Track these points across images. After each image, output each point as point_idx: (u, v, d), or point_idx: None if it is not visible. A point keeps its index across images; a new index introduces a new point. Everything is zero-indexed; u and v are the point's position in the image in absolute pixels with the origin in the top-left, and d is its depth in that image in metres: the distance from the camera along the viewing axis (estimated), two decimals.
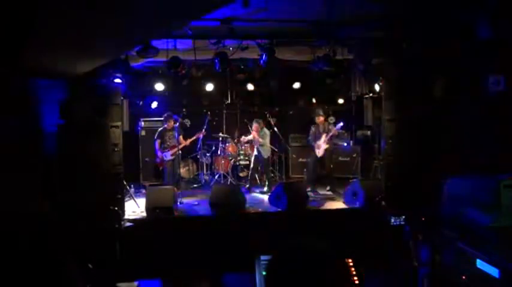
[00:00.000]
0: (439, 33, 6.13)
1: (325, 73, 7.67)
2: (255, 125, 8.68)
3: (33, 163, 5.66)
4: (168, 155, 8.44)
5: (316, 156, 8.49)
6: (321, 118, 8.57)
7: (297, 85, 9.67)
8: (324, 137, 8.43)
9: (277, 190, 7.40)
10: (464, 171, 6.35)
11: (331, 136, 8.53)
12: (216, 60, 6.94)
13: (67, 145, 6.31)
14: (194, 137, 8.89)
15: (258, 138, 8.53)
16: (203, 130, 9.04)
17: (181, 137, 8.61)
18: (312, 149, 8.68)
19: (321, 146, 8.43)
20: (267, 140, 8.78)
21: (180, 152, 8.38)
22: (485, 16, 5.17)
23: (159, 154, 8.47)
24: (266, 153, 8.67)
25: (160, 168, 8.65)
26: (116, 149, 6.67)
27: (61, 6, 2.94)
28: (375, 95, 8.42)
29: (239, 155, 9.48)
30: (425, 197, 6.45)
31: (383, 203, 7.07)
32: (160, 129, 8.65)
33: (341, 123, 8.68)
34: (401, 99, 7.18)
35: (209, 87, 9.34)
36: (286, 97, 10.48)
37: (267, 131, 8.81)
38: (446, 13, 5.52)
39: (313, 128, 8.63)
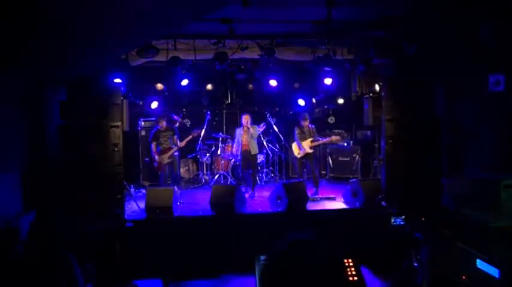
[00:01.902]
0: (439, 33, 6.14)
1: (325, 73, 7.67)
2: (245, 117, 8.46)
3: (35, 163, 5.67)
4: (165, 159, 8.34)
5: (297, 157, 8.40)
6: (307, 122, 8.44)
7: (296, 85, 9.67)
8: (309, 141, 8.33)
9: (277, 190, 7.40)
10: (464, 171, 6.37)
11: (321, 144, 8.51)
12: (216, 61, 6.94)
13: (67, 145, 6.31)
14: (189, 138, 8.68)
15: (251, 130, 8.35)
16: (196, 130, 8.93)
17: (175, 138, 8.48)
18: (292, 148, 8.55)
19: (303, 149, 8.28)
20: (256, 134, 8.60)
21: (177, 153, 8.34)
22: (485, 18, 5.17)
23: (156, 157, 8.38)
24: (254, 149, 8.46)
25: (159, 172, 8.55)
26: (116, 149, 6.66)
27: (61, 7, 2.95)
28: (375, 95, 8.41)
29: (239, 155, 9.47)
30: (425, 197, 6.46)
31: (383, 203, 7.07)
32: (153, 131, 8.59)
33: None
34: (401, 99, 7.18)
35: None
36: (286, 97, 10.47)
37: (255, 126, 8.65)
38: (448, 15, 5.53)
39: (298, 129, 8.45)
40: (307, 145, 8.31)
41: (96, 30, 3.93)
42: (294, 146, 8.45)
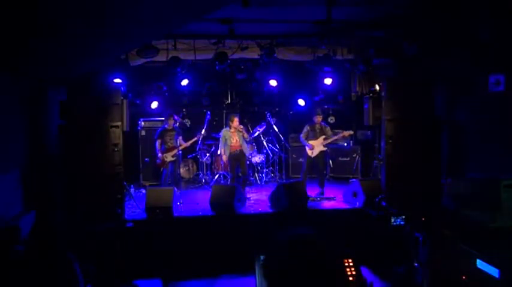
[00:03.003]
0: (439, 33, 6.14)
1: (325, 73, 7.67)
2: (235, 119, 8.17)
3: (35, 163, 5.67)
4: (169, 157, 8.38)
5: (310, 156, 8.35)
6: (320, 118, 8.39)
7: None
8: (321, 139, 8.30)
9: (277, 190, 7.39)
10: (465, 171, 6.37)
11: (334, 140, 8.48)
12: (216, 61, 6.95)
13: (67, 145, 6.31)
14: (194, 139, 8.79)
15: (245, 135, 8.19)
16: (201, 132, 8.92)
17: (180, 138, 8.54)
18: (303, 148, 8.44)
19: (315, 147, 8.24)
20: (248, 137, 8.45)
21: (180, 152, 8.36)
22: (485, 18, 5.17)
23: (159, 155, 8.40)
24: (247, 150, 8.34)
25: (161, 169, 8.57)
26: (116, 149, 6.66)
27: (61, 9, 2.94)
28: (375, 95, 8.40)
29: None
30: (425, 197, 6.47)
31: (383, 203, 7.07)
32: (160, 129, 8.62)
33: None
34: (401, 99, 7.18)
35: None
36: (286, 97, 10.47)
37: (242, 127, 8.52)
38: (448, 15, 5.53)
39: (308, 127, 8.36)
40: (319, 143, 8.24)
41: (96, 31, 3.93)
42: (306, 147, 8.37)
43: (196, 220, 6.84)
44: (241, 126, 8.19)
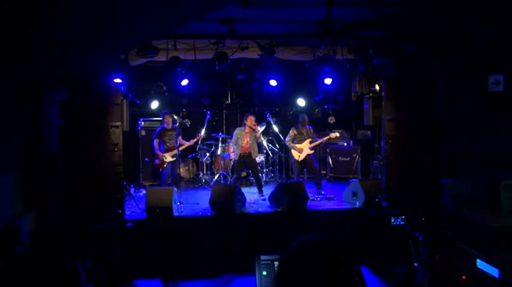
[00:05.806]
0: (439, 33, 6.14)
1: (325, 73, 7.68)
2: (250, 117, 8.20)
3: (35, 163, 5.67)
4: (169, 157, 8.37)
5: (297, 160, 8.32)
6: (305, 124, 8.35)
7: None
8: (307, 143, 8.30)
9: (277, 190, 7.39)
10: (464, 171, 6.36)
11: (320, 143, 8.49)
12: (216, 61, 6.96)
13: (67, 145, 6.31)
14: (196, 139, 8.79)
15: (258, 133, 8.25)
16: (201, 132, 8.95)
17: (180, 137, 8.53)
18: (291, 151, 8.42)
19: (303, 150, 8.23)
20: (261, 137, 8.48)
21: (179, 152, 8.36)
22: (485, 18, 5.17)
23: (159, 154, 8.38)
24: (256, 153, 8.34)
25: (160, 169, 8.56)
26: (115, 149, 6.66)
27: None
28: (375, 95, 8.41)
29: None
30: (425, 197, 6.46)
31: (383, 203, 7.07)
32: (159, 128, 8.59)
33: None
34: (401, 99, 7.18)
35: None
36: (286, 97, 10.47)
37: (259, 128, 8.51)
38: (447, 15, 5.53)
39: (295, 131, 8.36)
40: (306, 146, 8.27)
41: (96, 30, 3.93)
42: (293, 150, 8.39)
43: (196, 220, 6.84)
44: (256, 127, 8.18)
